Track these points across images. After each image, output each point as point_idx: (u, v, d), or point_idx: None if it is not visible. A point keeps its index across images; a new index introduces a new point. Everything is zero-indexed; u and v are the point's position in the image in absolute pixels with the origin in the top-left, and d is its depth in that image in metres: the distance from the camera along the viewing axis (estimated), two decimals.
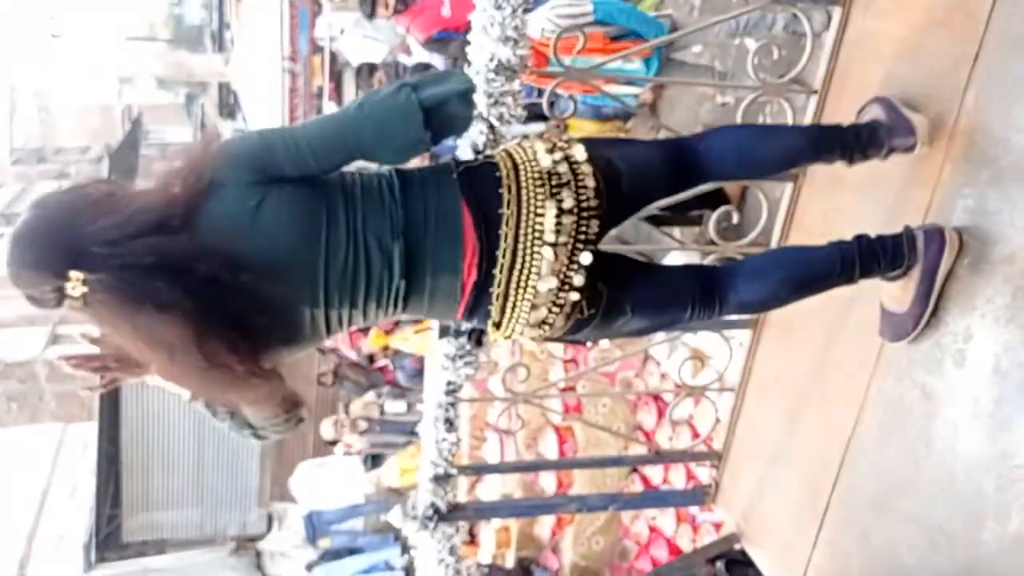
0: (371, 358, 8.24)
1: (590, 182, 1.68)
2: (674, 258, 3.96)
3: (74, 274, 1.43)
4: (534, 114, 2.83)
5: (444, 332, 2.31)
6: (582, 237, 1.66)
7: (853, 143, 1.91)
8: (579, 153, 1.71)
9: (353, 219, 1.61)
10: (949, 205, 1.93)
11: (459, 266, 1.65)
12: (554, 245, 1.64)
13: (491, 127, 2.08)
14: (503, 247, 1.64)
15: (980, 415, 1.82)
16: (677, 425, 3.82)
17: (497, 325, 1.73)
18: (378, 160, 1.70)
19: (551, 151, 1.71)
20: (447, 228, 1.64)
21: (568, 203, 1.65)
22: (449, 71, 1.83)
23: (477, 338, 1.86)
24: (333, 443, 8.11)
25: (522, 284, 1.66)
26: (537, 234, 1.64)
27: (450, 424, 2.49)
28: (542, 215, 1.64)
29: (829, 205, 2.37)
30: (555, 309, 1.69)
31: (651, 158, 1.85)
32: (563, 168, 1.68)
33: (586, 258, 1.66)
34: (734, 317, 2.67)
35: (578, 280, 1.67)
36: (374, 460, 8.02)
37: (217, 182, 1.54)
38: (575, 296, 1.68)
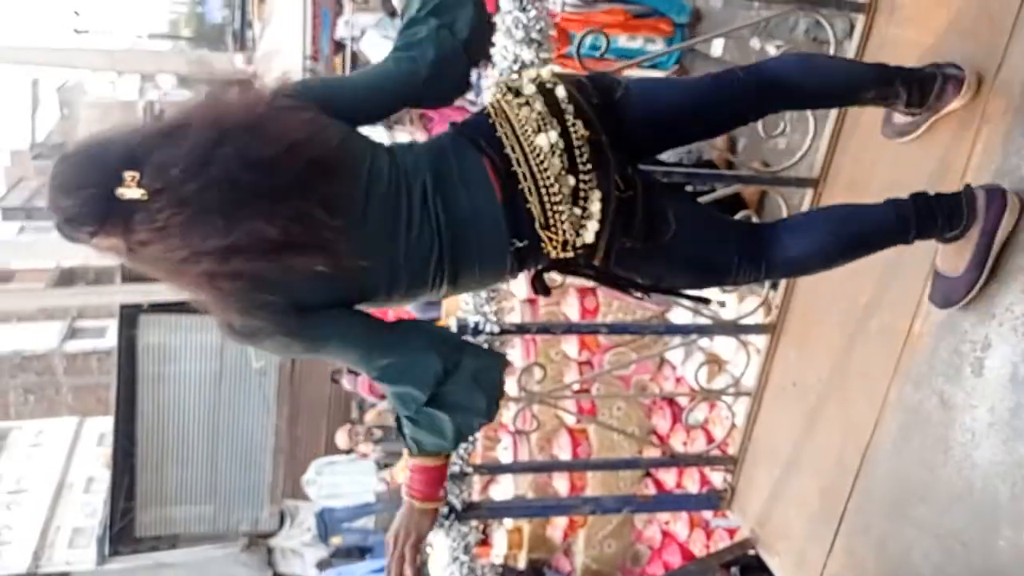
0: None
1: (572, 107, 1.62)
2: None
3: (129, 173, 1.34)
4: None
5: (462, 331, 2.33)
6: (575, 127, 1.59)
7: (910, 81, 1.89)
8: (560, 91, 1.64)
9: (396, 172, 1.60)
10: None
11: (483, 169, 1.60)
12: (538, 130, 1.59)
13: None
14: (507, 143, 1.59)
15: (997, 423, 1.82)
16: (692, 430, 3.82)
17: (545, 225, 1.58)
18: (424, 102, 1.77)
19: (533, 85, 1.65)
20: (461, 152, 1.63)
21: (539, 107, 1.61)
22: None
23: (539, 283, 1.76)
24: (347, 452, 8.12)
25: (540, 163, 1.57)
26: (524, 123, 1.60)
27: None
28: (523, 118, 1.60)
29: None
30: (587, 181, 1.58)
31: (687, 81, 1.86)
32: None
33: (582, 127, 1.59)
34: (750, 322, 2.68)
35: (588, 150, 1.59)
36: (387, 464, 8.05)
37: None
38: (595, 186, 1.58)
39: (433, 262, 1.58)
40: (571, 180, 1.57)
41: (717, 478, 3.19)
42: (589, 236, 1.59)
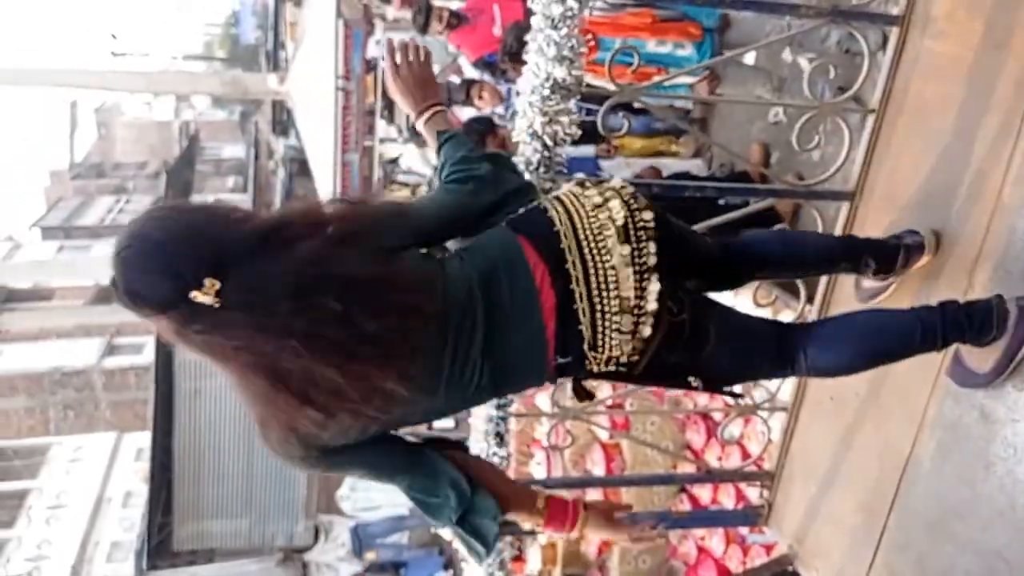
0: None
1: (646, 216, 1.63)
2: None
3: (210, 281, 1.32)
4: (585, 131, 2.84)
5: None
6: (644, 247, 1.60)
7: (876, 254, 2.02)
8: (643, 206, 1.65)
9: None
10: (1007, 227, 1.90)
11: (535, 291, 1.59)
12: (620, 240, 1.58)
13: (545, 146, 2.11)
14: (569, 258, 1.58)
15: None
16: (727, 445, 3.79)
17: (593, 346, 1.59)
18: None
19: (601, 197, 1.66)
20: (514, 271, 1.60)
21: (620, 220, 1.60)
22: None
23: (580, 390, 1.79)
24: None
25: (603, 284, 1.57)
26: (598, 233, 1.59)
27: (500, 438, 2.51)
28: (597, 224, 1.60)
29: (885, 221, 2.35)
30: (641, 315, 1.59)
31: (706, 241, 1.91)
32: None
33: (652, 254, 1.60)
34: None
35: (654, 282, 1.59)
36: None
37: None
38: (654, 298, 1.59)
39: (472, 391, 1.60)
40: (631, 302, 1.58)
41: (753, 494, 3.16)
42: (635, 356, 1.62)
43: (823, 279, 2.55)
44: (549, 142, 2.12)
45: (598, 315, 1.57)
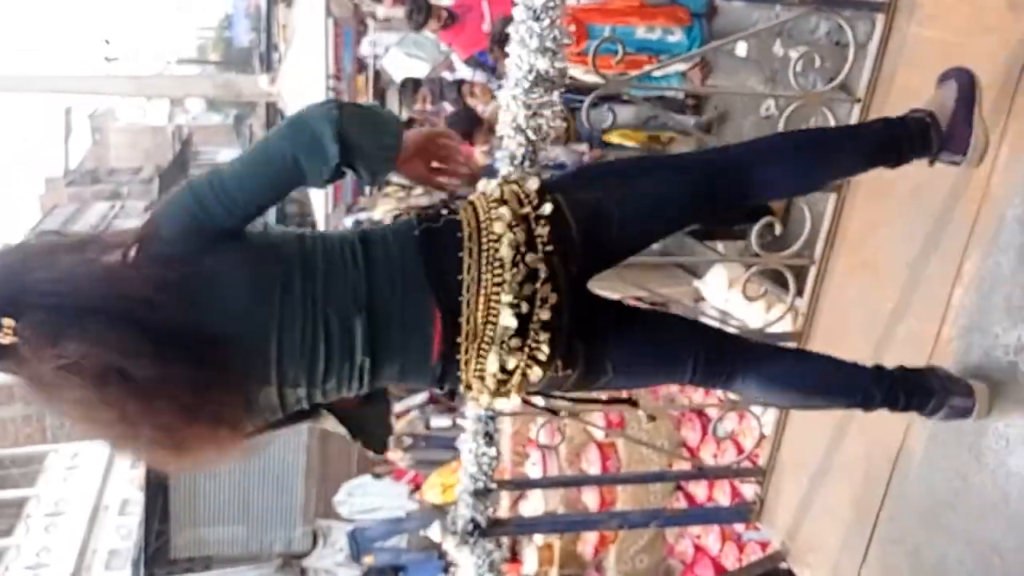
0: None
1: (550, 246, 1.55)
2: (717, 273, 3.92)
3: (7, 321, 1.33)
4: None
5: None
6: (543, 304, 1.54)
7: (907, 150, 1.78)
8: (546, 210, 1.58)
9: (311, 290, 1.49)
10: (997, 216, 1.88)
11: (429, 333, 1.54)
12: (517, 312, 1.52)
13: (529, 140, 2.08)
14: (466, 314, 1.53)
15: None
16: (722, 441, 3.77)
17: (468, 387, 1.61)
18: (306, 179, 1.50)
19: (513, 214, 1.57)
20: (412, 290, 1.54)
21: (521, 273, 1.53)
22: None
23: (450, 393, 1.76)
24: (377, 459, 8.15)
25: (483, 352, 1.55)
26: (494, 298, 1.52)
27: (489, 438, 2.48)
28: (500, 279, 1.52)
29: (874, 216, 2.33)
30: (519, 377, 1.58)
31: (668, 193, 1.69)
32: (521, 236, 1.55)
33: (544, 336, 1.54)
34: (777, 330, 2.64)
35: (543, 350, 1.55)
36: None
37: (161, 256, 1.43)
38: (538, 369, 1.56)
39: (347, 386, 1.58)
40: (514, 352, 1.54)
41: (748, 490, 3.14)
42: (509, 400, 1.62)
43: (812, 271, 2.53)
44: (532, 136, 2.09)
45: (476, 360, 1.56)
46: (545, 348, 1.54)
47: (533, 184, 1.63)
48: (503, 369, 1.56)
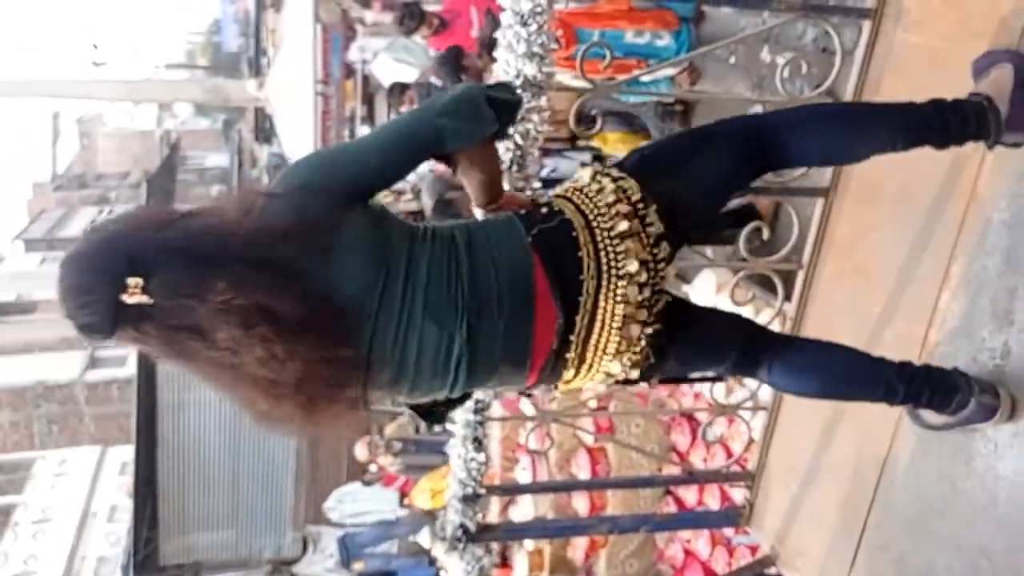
0: None
1: (656, 228, 1.60)
2: (705, 278, 3.92)
3: (133, 280, 1.31)
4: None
5: None
6: (657, 298, 1.60)
7: (957, 133, 1.72)
8: (648, 201, 1.61)
9: (411, 293, 1.48)
10: (983, 219, 1.88)
11: (530, 340, 1.56)
12: (637, 308, 1.58)
13: (517, 144, 2.08)
14: (583, 312, 1.56)
15: (1021, 433, 1.77)
16: (711, 446, 3.77)
17: (568, 382, 1.68)
18: (446, 144, 1.54)
19: (617, 202, 1.60)
20: (518, 299, 1.54)
21: (647, 259, 1.58)
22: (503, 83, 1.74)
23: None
24: (367, 464, 8.12)
25: (600, 347, 1.59)
26: (619, 298, 1.55)
27: (478, 443, 2.47)
28: (623, 279, 1.55)
29: (862, 221, 2.34)
30: (629, 361, 1.64)
31: (721, 168, 1.72)
32: (633, 224, 1.59)
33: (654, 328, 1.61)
34: None
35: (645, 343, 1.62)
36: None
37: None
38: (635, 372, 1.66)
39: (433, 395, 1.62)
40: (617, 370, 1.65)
41: (738, 495, 3.13)
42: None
43: (800, 276, 2.53)
44: (520, 140, 2.09)
45: (585, 366, 1.62)
46: (647, 352, 1.63)
47: (632, 185, 1.64)
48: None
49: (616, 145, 4.74)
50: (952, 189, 1.96)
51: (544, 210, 1.62)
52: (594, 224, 1.58)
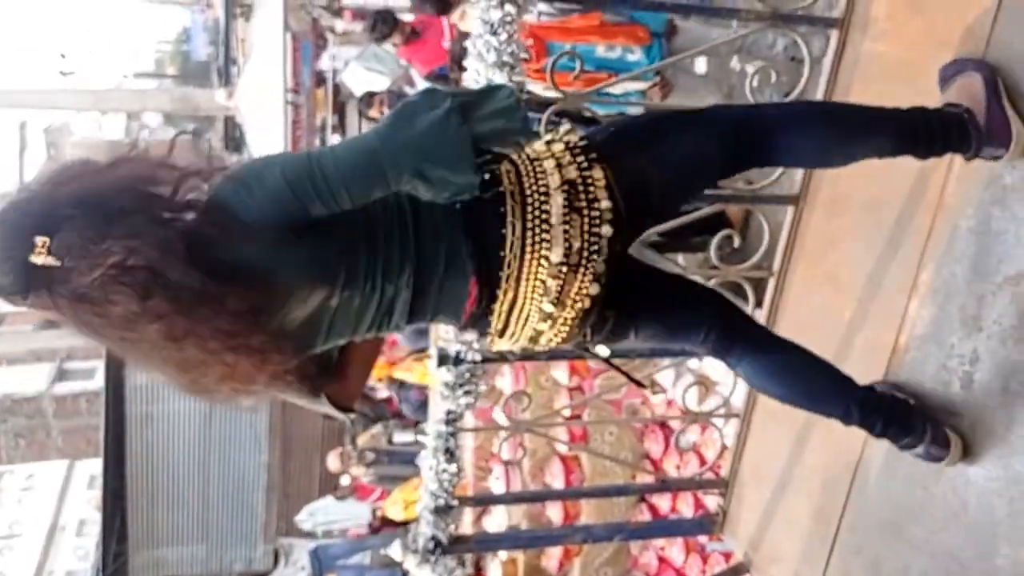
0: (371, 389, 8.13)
1: (604, 204, 1.53)
2: None
3: (39, 239, 1.26)
4: None
5: (443, 360, 2.29)
6: (589, 274, 1.53)
7: (940, 144, 1.72)
8: (597, 174, 1.55)
9: (372, 268, 1.47)
10: (951, 226, 1.90)
11: (463, 301, 1.57)
12: (556, 300, 1.54)
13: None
14: (503, 288, 1.54)
15: (990, 437, 1.78)
16: (684, 453, 3.77)
17: (499, 334, 1.64)
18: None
19: (562, 170, 1.54)
20: (454, 270, 1.53)
21: (576, 243, 1.52)
22: (492, 87, 1.56)
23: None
24: (339, 475, 8.08)
25: (520, 321, 1.59)
26: (539, 283, 1.53)
27: (450, 454, 2.46)
28: (547, 254, 1.51)
29: (831, 228, 2.35)
30: (555, 336, 1.62)
31: (703, 151, 1.66)
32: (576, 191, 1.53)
33: (586, 302, 1.55)
34: None
35: (574, 321, 1.59)
36: None
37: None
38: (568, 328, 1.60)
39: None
40: (549, 309, 1.56)
41: (711, 502, 3.14)
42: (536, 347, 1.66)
43: (771, 283, 2.54)
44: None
45: (508, 332, 1.60)
46: (577, 320, 1.58)
47: (576, 138, 1.60)
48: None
49: None
50: (920, 197, 1.98)
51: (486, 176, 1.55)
52: (528, 199, 1.53)
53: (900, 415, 1.83)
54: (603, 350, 1.74)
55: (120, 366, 9.91)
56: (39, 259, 1.26)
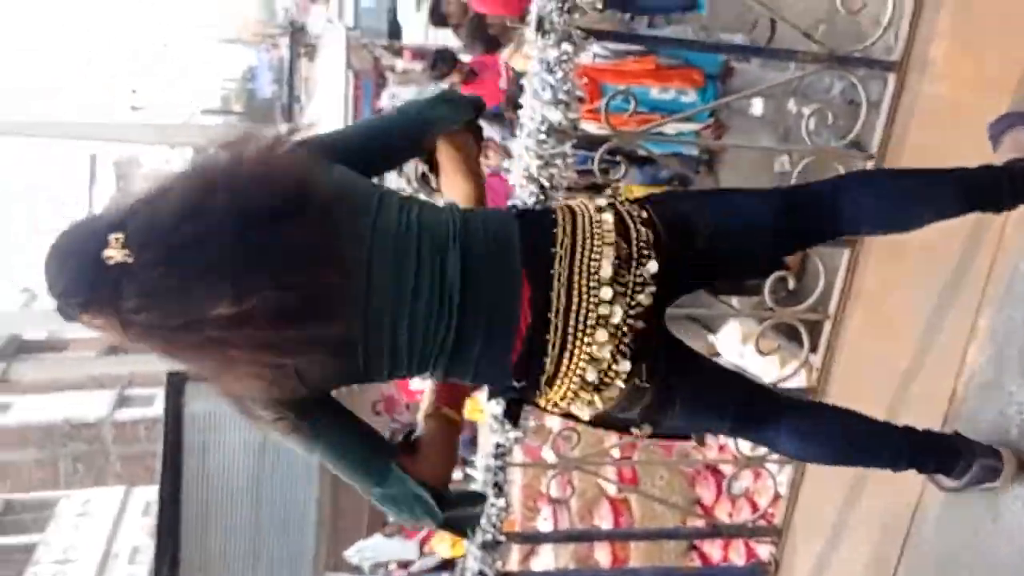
0: None
1: (645, 235, 1.51)
2: (731, 329, 3.90)
3: (114, 235, 1.25)
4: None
5: (493, 394, 2.29)
6: (639, 290, 1.48)
7: (1009, 200, 1.67)
8: (638, 210, 1.55)
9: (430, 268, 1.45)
10: (1011, 269, 1.87)
11: (516, 310, 1.47)
12: (612, 286, 1.46)
13: (542, 188, 2.10)
14: (556, 287, 1.47)
15: None
16: (736, 500, 3.71)
17: (550, 381, 1.51)
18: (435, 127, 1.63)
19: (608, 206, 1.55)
20: (503, 269, 1.49)
21: (624, 251, 1.49)
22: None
23: (514, 411, 1.70)
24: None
25: (580, 329, 1.47)
26: (593, 273, 1.46)
27: (499, 489, 2.46)
28: (597, 259, 1.47)
29: (888, 272, 2.32)
30: (610, 373, 1.50)
31: (757, 209, 1.64)
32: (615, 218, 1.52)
33: (646, 299, 1.48)
34: (791, 385, 2.61)
35: (632, 347, 1.49)
36: None
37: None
38: (625, 363, 1.49)
39: (438, 341, 1.49)
40: (606, 354, 1.47)
41: (764, 551, 3.08)
42: (584, 415, 1.56)
43: (826, 327, 2.51)
44: (546, 183, 2.11)
45: (566, 354, 1.48)
46: (633, 346, 1.49)
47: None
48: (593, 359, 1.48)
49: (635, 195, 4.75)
50: (979, 240, 1.95)
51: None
52: (577, 214, 1.53)
53: (946, 445, 1.79)
54: (645, 428, 1.66)
55: (180, 393, 10.11)
56: (113, 252, 1.24)
